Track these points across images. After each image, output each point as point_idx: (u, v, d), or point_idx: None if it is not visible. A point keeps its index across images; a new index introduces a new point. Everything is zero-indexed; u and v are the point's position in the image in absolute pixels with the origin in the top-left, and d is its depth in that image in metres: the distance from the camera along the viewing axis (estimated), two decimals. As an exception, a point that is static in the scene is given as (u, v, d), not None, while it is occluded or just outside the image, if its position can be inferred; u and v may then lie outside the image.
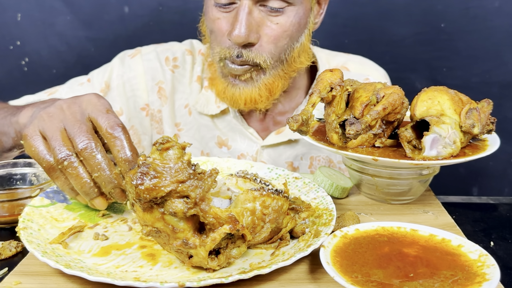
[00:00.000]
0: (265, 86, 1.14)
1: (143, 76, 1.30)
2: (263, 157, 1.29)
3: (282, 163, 1.29)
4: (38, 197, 0.86)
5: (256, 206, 0.72)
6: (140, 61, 1.30)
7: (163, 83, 1.30)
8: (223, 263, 0.70)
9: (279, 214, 0.74)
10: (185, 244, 0.67)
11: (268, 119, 1.30)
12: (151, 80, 1.30)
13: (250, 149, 1.29)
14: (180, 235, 0.67)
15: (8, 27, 1.79)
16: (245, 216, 0.71)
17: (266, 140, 1.28)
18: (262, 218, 0.73)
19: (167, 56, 1.31)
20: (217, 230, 0.67)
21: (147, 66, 1.30)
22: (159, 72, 1.30)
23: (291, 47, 1.13)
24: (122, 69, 1.30)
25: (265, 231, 0.74)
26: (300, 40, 1.15)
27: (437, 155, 0.82)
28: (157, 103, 1.31)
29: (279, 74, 1.15)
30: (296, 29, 1.11)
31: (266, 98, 1.16)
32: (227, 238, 0.70)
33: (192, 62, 1.32)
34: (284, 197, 0.75)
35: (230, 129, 1.29)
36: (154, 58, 1.30)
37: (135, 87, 1.30)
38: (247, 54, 1.09)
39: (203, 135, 1.31)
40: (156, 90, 1.30)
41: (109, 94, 1.29)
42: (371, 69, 1.37)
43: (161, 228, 0.67)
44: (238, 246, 0.72)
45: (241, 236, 0.71)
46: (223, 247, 0.71)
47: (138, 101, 1.31)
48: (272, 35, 1.08)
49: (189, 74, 1.32)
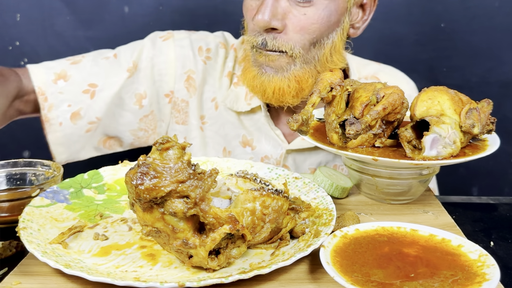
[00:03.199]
0: (295, 78, 1.12)
1: (174, 62, 1.26)
2: (288, 162, 1.26)
3: (305, 169, 1.28)
4: (38, 197, 0.86)
5: (256, 206, 0.72)
6: (172, 46, 1.27)
7: (194, 73, 1.27)
8: (223, 263, 0.70)
9: (279, 214, 0.75)
10: (185, 244, 0.67)
11: None
12: (181, 68, 1.27)
13: (274, 151, 1.26)
14: (180, 235, 0.67)
15: (7, 27, 1.79)
16: (245, 216, 0.71)
17: (292, 144, 1.25)
18: (262, 218, 0.73)
19: (201, 46, 1.29)
20: (217, 230, 0.67)
21: (179, 52, 1.26)
22: (191, 61, 1.27)
23: (321, 43, 1.12)
24: (153, 51, 1.26)
25: (265, 231, 0.74)
26: (331, 37, 1.13)
27: (437, 155, 0.82)
28: (182, 92, 1.28)
29: (311, 70, 1.13)
30: (325, 24, 1.10)
31: (295, 91, 1.13)
32: (227, 238, 0.70)
33: (224, 56, 1.30)
34: (284, 197, 0.75)
35: (257, 128, 1.27)
36: (188, 46, 1.27)
37: (163, 72, 1.26)
38: (271, 42, 1.08)
39: (228, 132, 1.29)
40: (184, 78, 1.27)
41: (135, 74, 1.24)
42: (401, 82, 1.34)
43: (161, 228, 0.67)
44: (238, 246, 0.72)
45: (241, 236, 0.71)
46: (223, 247, 0.71)
47: (163, 87, 1.27)
48: (298, 25, 1.07)
49: (220, 68, 1.29)
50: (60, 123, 1.21)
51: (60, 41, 1.82)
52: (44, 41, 1.81)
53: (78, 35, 1.82)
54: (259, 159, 1.26)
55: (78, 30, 1.81)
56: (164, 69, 1.26)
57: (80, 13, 1.80)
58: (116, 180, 0.97)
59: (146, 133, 1.31)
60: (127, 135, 1.30)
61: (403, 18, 1.87)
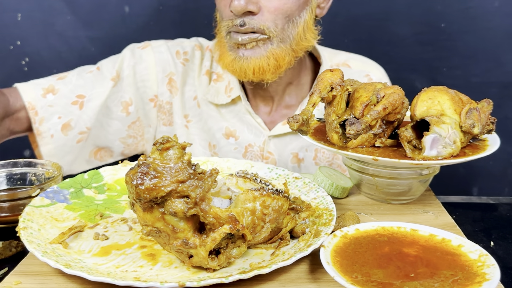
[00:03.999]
0: (273, 55, 1.18)
1: (154, 67, 1.32)
2: (270, 147, 1.32)
3: (288, 154, 1.33)
4: (38, 197, 0.86)
5: (256, 206, 0.72)
6: (151, 53, 1.33)
7: (174, 74, 1.34)
8: (223, 263, 0.70)
9: (279, 214, 0.75)
10: (185, 244, 0.67)
11: (275, 111, 1.34)
12: (162, 72, 1.33)
13: (257, 139, 1.32)
14: (180, 235, 0.67)
15: (8, 27, 1.79)
16: (245, 216, 0.71)
17: (273, 130, 1.31)
18: (262, 218, 0.73)
19: (178, 50, 1.35)
20: (217, 230, 0.67)
21: (158, 57, 1.33)
22: (171, 64, 1.33)
23: (294, 22, 1.19)
24: (133, 60, 1.32)
25: (265, 231, 0.74)
26: (302, 16, 1.20)
27: (437, 155, 0.82)
28: (166, 94, 1.34)
29: (287, 49, 1.20)
30: (296, 4, 1.17)
31: (274, 68, 1.19)
32: (227, 238, 0.70)
33: (201, 57, 1.37)
34: (284, 197, 0.75)
35: (238, 119, 1.33)
36: (166, 51, 1.34)
37: (145, 78, 1.32)
38: (249, 21, 1.15)
39: (211, 126, 1.34)
40: (166, 81, 1.33)
41: (119, 83, 1.30)
42: (371, 67, 1.41)
43: (161, 228, 0.67)
44: (238, 246, 0.72)
45: (241, 236, 0.71)
46: (223, 247, 0.71)
47: (147, 92, 1.33)
48: (271, 6, 1.15)
49: (198, 68, 1.36)
50: (52, 135, 1.24)
51: (61, 40, 1.82)
52: (45, 40, 1.81)
53: (79, 35, 1.82)
54: (243, 148, 1.32)
55: (79, 30, 1.82)
56: (146, 75, 1.32)
57: (81, 13, 1.80)
58: (116, 180, 0.97)
59: (135, 140, 1.36)
60: (117, 144, 1.34)
61: (403, 18, 1.87)
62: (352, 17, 1.87)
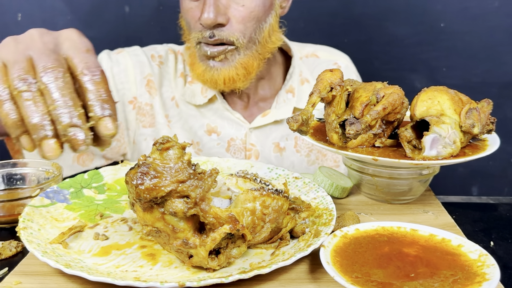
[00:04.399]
0: (241, 65, 1.22)
1: (132, 69, 1.35)
2: (252, 139, 1.35)
3: (270, 144, 1.36)
4: (38, 197, 0.86)
5: (256, 206, 0.72)
6: (127, 56, 1.36)
7: (151, 75, 1.37)
8: (223, 263, 0.70)
9: (279, 214, 0.75)
10: (185, 244, 0.67)
11: (251, 105, 1.38)
12: (140, 74, 1.36)
13: (238, 133, 1.35)
14: (180, 235, 0.67)
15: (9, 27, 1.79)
16: (245, 216, 0.71)
17: (253, 123, 1.35)
18: (262, 218, 0.73)
19: (153, 54, 1.40)
20: (217, 230, 0.67)
21: (135, 60, 1.36)
22: (147, 66, 1.37)
23: (260, 28, 1.23)
24: (110, 63, 1.34)
25: (265, 231, 0.74)
26: (268, 21, 1.24)
27: (437, 155, 0.82)
28: (145, 96, 1.36)
29: (254, 54, 1.24)
30: (262, 10, 1.21)
31: (244, 77, 1.24)
32: (227, 238, 0.70)
33: (174, 60, 1.41)
34: (284, 197, 0.75)
35: (218, 116, 1.36)
36: (141, 54, 1.37)
37: (124, 80, 1.35)
38: (218, 33, 1.18)
39: (192, 125, 1.37)
40: (145, 83, 1.36)
41: None
42: (338, 56, 1.48)
43: (161, 228, 0.67)
44: (238, 246, 0.72)
45: (241, 236, 0.71)
46: (223, 247, 0.71)
47: (126, 94, 1.35)
48: (239, 16, 1.18)
49: (172, 70, 1.39)
50: None
51: (61, 41, 1.82)
52: (45, 41, 1.81)
53: (79, 35, 1.82)
54: (226, 142, 1.36)
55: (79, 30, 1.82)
56: (124, 77, 1.34)
57: (81, 13, 1.81)
58: (116, 180, 0.97)
59: (118, 143, 1.36)
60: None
61: (403, 18, 1.87)
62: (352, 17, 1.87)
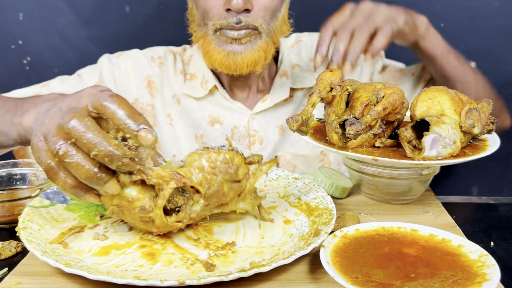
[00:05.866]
0: (262, 49, 1.26)
1: (132, 72, 1.39)
2: (254, 125, 1.38)
3: (273, 128, 1.39)
4: (38, 198, 0.86)
5: (203, 162, 0.75)
6: (127, 59, 1.40)
7: (152, 76, 1.40)
8: (183, 218, 0.74)
9: (229, 165, 0.77)
10: (142, 209, 0.71)
11: (252, 96, 1.41)
12: (140, 76, 1.39)
13: (241, 120, 1.38)
14: (136, 204, 0.71)
15: (10, 26, 1.79)
16: (194, 173, 0.74)
17: (255, 109, 1.38)
18: (213, 172, 0.75)
19: (152, 55, 1.43)
20: (165, 188, 0.71)
21: (135, 62, 1.40)
22: (148, 67, 1.40)
23: (276, 17, 1.27)
24: (111, 67, 1.38)
25: (219, 182, 0.76)
26: (282, 10, 1.28)
27: (437, 155, 0.82)
28: (146, 97, 1.39)
29: (270, 41, 1.28)
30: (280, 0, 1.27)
31: (264, 60, 1.28)
32: (182, 196, 0.74)
33: (173, 60, 1.44)
34: (231, 150, 0.78)
35: (220, 107, 1.39)
36: (141, 56, 1.41)
37: (124, 83, 1.38)
38: (245, 19, 1.21)
39: (194, 118, 1.39)
40: (145, 85, 1.39)
41: None
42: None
43: (120, 204, 0.72)
44: (197, 201, 0.75)
45: (196, 192, 0.74)
46: (181, 205, 0.74)
47: (127, 96, 1.37)
48: (262, 4, 1.22)
49: (172, 69, 1.42)
50: None
51: (62, 40, 1.82)
52: (46, 40, 1.82)
53: (80, 34, 1.82)
54: (230, 131, 1.38)
55: (80, 29, 1.82)
56: (125, 80, 1.38)
57: (82, 12, 1.81)
58: (116, 180, 0.97)
59: None
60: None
61: (404, 18, 1.87)
62: (352, 17, 1.87)
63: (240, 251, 0.76)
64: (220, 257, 0.74)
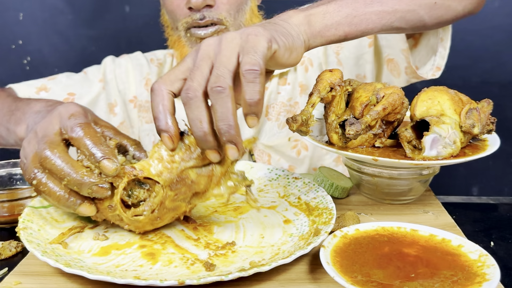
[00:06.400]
0: None
1: (132, 71, 1.44)
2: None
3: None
4: (38, 198, 0.86)
5: (161, 152, 0.74)
6: (128, 59, 1.46)
7: (149, 74, 1.44)
8: (144, 211, 0.75)
9: (191, 150, 0.75)
10: (110, 208, 0.74)
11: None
12: (139, 75, 1.44)
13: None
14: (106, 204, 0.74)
15: (10, 26, 1.79)
16: (154, 165, 0.74)
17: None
18: (172, 160, 0.74)
19: (152, 58, 1.49)
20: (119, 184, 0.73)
21: (135, 63, 1.45)
22: (146, 67, 1.45)
23: (243, 10, 1.29)
24: (113, 66, 1.43)
25: (179, 170, 0.74)
26: (248, 3, 1.30)
27: (437, 155, 0.82)
28: (145, 94, 1.43)
29: None
30: None
31: None
32: (143, 189, 0.75)
33: (171, 61, 1.48)
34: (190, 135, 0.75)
35: None
36: (141, 57, 1.47)
37: (124, 81, 1.43)
38: (208, 14, 1.22)
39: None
40: (144, 83, 1.44)
41: (106, 86, 1.41)
42: None
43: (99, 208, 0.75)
44: (158, 192, 0.75)
45: (156, 183, 0.74)
46: (143, 199, 0.75)
47: (127, 94, 1.43)
48: None
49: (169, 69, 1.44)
50: None
51: (62, 39, 1.83)
52: (47, 40, 1.82)
53: (80, 34, 1.83)
54: None
55: (80, 29, 1.82)
56: (125, 78, 1.43)
57: (82, 12, 1.81)
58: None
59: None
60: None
61: (404, 18, 1.87)
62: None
63: (240, 251, 0.76)
64: (220, 256, 0.74)
